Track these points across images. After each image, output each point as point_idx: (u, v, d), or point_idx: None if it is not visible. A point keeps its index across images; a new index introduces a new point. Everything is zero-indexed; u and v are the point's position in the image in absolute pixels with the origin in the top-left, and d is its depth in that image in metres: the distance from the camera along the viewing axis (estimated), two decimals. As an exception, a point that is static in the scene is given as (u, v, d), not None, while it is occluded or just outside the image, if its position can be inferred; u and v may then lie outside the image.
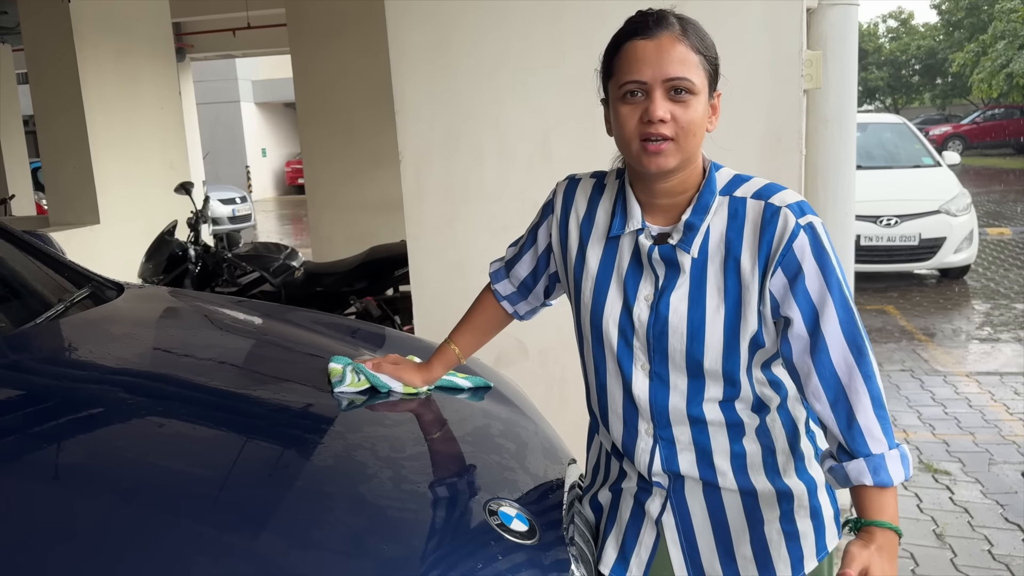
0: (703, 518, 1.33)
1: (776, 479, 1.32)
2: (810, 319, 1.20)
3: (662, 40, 1.18)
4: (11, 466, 1.21)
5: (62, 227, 6.01)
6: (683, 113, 1.18)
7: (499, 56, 2.72)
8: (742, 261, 1.22)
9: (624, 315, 1.30)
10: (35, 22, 6.02)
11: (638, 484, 1.38)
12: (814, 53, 2.79)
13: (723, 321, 1.23)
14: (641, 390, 1.30)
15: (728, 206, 1.24)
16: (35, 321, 1.77)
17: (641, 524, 1.37)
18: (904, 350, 5.55)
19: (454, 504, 1.29)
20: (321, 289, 4.58)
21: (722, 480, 1.31)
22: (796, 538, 1.33)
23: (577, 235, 1.38)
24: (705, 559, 1.34)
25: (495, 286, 1.62)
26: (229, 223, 14.19)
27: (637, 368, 1.30)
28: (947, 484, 3.51)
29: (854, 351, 1.20)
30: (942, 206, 7.35)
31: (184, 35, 12.83)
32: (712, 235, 1.24)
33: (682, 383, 1.28)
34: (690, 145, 1.20)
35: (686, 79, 1.17)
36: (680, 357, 1.26)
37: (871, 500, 1.18)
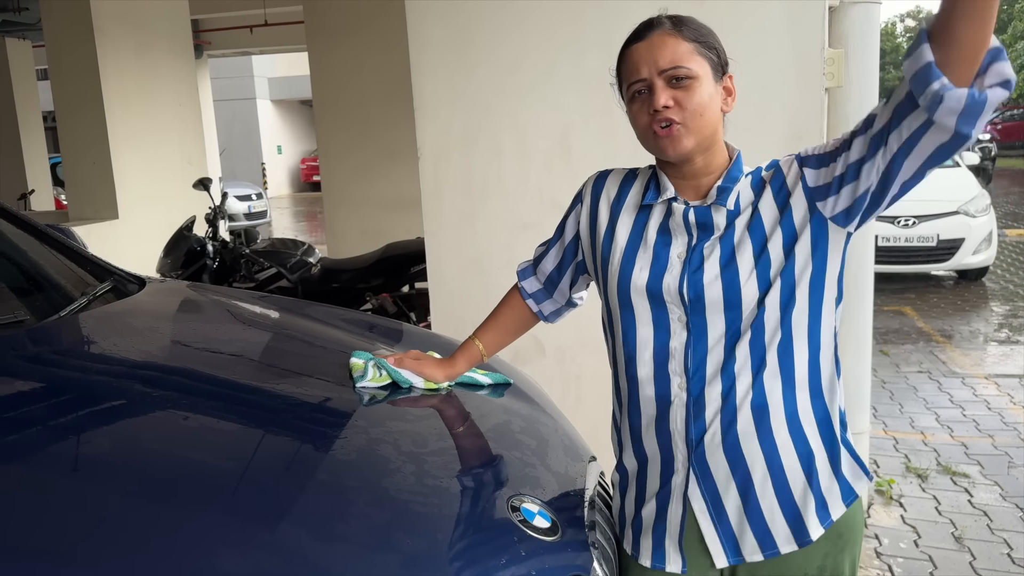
0: (726, 478, 1.34)
1: (795, 420, 1.33)
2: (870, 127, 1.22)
3: (653, 39, 1.30)
4: (37, 457, 1.22)
5: (81, 222, 6.06)
6: (686, 97, 1.28)
7: (519, 52, 2.72)
8: (764, 217, 1.31)
9: (654, 275, 1.35)
10: (56, 18, 6.07)
11: (660, 453, 1.38)
12: (836, 51, 2.77)
13: (756, 277, 1.30)
14: (679, 341, 1.34)
15: (751, 181, 1.35)
16: (59, 314, 1.78)
17: (669, 500, 1.37)
18: (922, 351, 5.51)
19: (477, 500, 1.29)
20: (337, 285, 4.60)
21: (743, 429, 1.32)
22: (818, 484, 1.34)
23: (608, 214, 1.45)
24: (733, 521, 1.34)
25: (522, 283, 1.65)
26: (245, 220, 14.27)
27: (674, 321, 1.34)
28: (966, 487, 3.48)
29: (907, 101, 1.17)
30: (961, 207, 7.29)
31: (202, 32, 12.89)
32: (742, 202, 1.33)
33: (719, 326, 1.32)
34: (701, 125, 1.29)
35: (681, 66, 1.28)
36: (717, 302, 1.30)
37: None
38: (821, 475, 1.34)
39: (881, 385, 4.82)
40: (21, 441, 1.25)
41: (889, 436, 4.08)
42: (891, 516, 3.25)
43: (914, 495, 3.43)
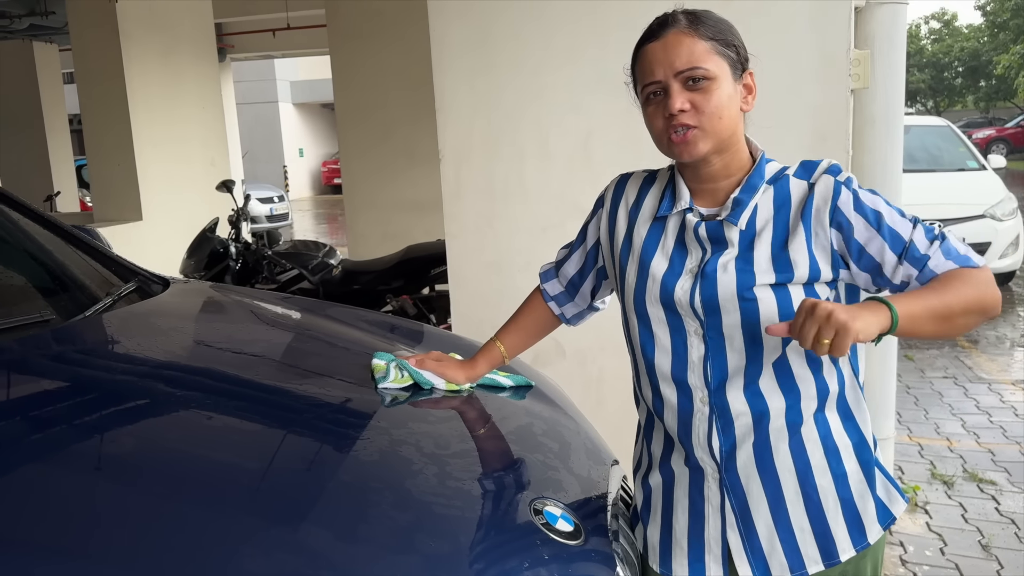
0: (758, 495, 1.30)
1: (828, 440, 1.30)
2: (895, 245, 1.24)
3: (667, 38, 1.25)
4: (61, 455, 1.22)
5: (106, 223, 6.13)
6: (703, 99, 1.23)
7: (542, 54, 2.71)
8: (789, 231, 1.26)
9: (667, 287, 1.32)
10: (83, 22, 6.15)
11: (688, 466, 1.35)
12: (862, 52, 2.74)
13: (775, 293, 1.25)
14: (698, 354, 1.30)
15: (775, 189, 1.29)
16: (84, 314, 1.80)
17: (703, 518, 1.34)
18: (947, 357, 5.44)
19: (500, 502, 1.28)
20: (358, 287, 4.61)
21: (776, 446, 1.29)
22: (853, 505, 1.31)
23: (626, 220, 1.42)
24: (764, 538, 1.31)
25: (544, 286, 1.64)
26: (267, 221, 14.37)
27: (691, 333, 1.31)
28: (992, 494, 3.43)
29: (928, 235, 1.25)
30: (987, 210, 7.19)
31: (225, 35, 13.01)
32: (760, 214, 1.28)
33: (738, 340, 1.28)
34: (719, 128, 1.24)
35: (697, 68, 1.23)
36: (735, 318, 1.26)
37: (897, 296, 1.19)
38: (856, 496, 1.31)
39: (906, 390, 4.76)
40: (46, 439, 1.26)
41: (914, 442, 4.03)
42: (916, 523, 3.20)
43: (940, 502, 3.38)
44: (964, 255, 1.24)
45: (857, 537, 1.30)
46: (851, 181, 1.26)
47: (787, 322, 1.16)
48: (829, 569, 1.30)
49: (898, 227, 1.24)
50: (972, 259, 1.24)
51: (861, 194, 1.25)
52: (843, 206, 1.24)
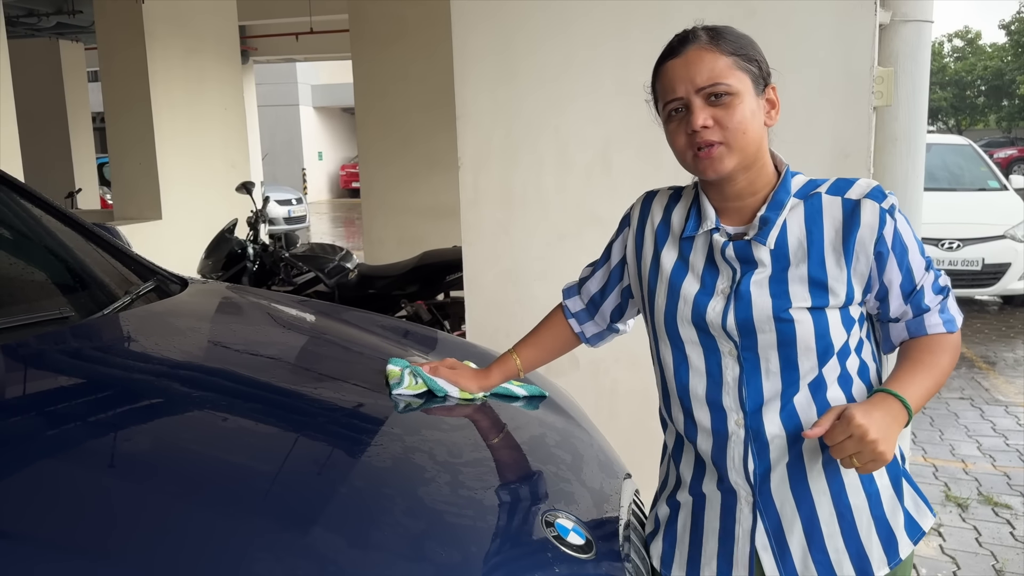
0: (792, 515, 1.30)
1: None
2: (906, 284, 1.28)
3: (689, 54, 1.24)
4: (76, 452, 1.23)
5: (126, 221, 6.18)
6: (726, 115, 1.21)
7: (563, 64, 2.71)
8: (827, 256, 1.25)
9: (699, 309, 1.30)
10: (109, 21, 6.22)
11: (720, 488, 1.34)
12: (885, 70, 2.73)
13: (811, 315, 1.25)
14: (733, 376, 1.29)
15: (805, 205, 1.27)
16: (103, 312, 1.81)
17: (733, 539, 1.33)
18: (964, 378, 5.39)
19: (512, 513, 1.28)
20: (374, 291, 4.63)
21: (810, 467, 1.29)
22: (886, 522, 1.31)
23: (652, 241, 1.40)
24: (797, 559, 1.30)
25: (566, 302, 1.64)
26: (284, 223, 14.45)
27: (725, 355, 1.30)
28: (1008, 518, 3.39)
29: (935, 288, 1.30)
30: (1008, 231, 7.13)
31: (248, 38, 13.10)
32: (791, 232, 1.26)
33: (774, 361, 1.27)
34: (744, 143, 1.23)
35: (720, 83, 1.22)
36: (771, 338, 1.26)
37: (899, 376, 1.24)
38: (888, 513, 1.31)
39: (921, 411, 4.71)
40: (61, 435, 1.26)
41: (929, 463, 3.99)
42: (930, 546, 3.17)
43: (954, 525, 3.34)
44: (952, 318, 1.30)
45: (891, 554, 1.31)
46: (894, 209, 1.26)
47: (823, 427, 1.17)
48: None
49: (915, 267, 1.27)
50: (957, 321, 1.30)
51: (899, 223, 1.26)
52: (887, 236, 1.24)
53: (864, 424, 1.12)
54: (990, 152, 22.28)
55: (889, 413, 1.17)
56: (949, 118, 35.73)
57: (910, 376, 1.24)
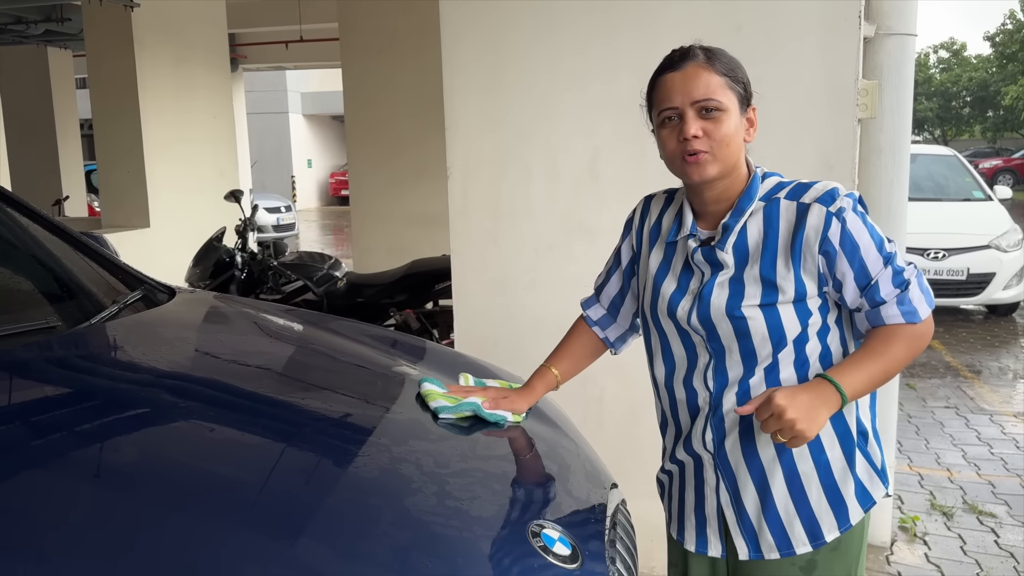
0: (745, 477, 1.45)
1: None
2: (860, 279, 1.37)
3: (687, 70, 1.37)
4: (61, 463, 1.23)
5: (113, 229, 6.15)
6: (714, 128, 1.36)
7: (552, 75, 2.73)
8: (778, 257, 1.38)
9: (672, 307, 1.47)
10: (98, 29, 6.20)
11: (691, 455, 1.51)
12: (870, 83, 2.76)
13: (762, 311, 1.39)
14: (703, 362, 1.46)
15: (764, 210, 1.40)
16: (90, 321, 1.81)
17: (704, 497, 1.50)
18: (949, 387, 5.43)
19: (498, 523, 1.29)
20: (362, 300, 4.62)
21: (758, 437, 1.43)
22: (836, 490, 1.43)
23: (647, 241, 1.58)
24: (753, 518, 1.45)
25: (586, 312, 1.75)
26: (273, 231, 14.40)
27: (698, 344, 1.46)
28: (992, 527, 3.41)
29: (895, 280, 1.37)
30: (992, 241, 7.19)
31: (238, 46, 13.08)
32: (751, 235, 1.40)
33: (735, 351, 1.42)
34: (726, 154, 1.37)
35: (712, 99, 1.36)
36: (729, 332, 1.41)
37: (845, 363, 1.38)
38: (839, 481, 1.43)
39: (907, 419, 4.74)
40: (46, 446, 1.26)
41: (914, 472, 4.02)
42: (915, 554, 3.19)
43: (939, 533, 3.36)
44: (914, 308, 1.37)
45: (841, 519, 1.43)
46: (842, 211, 1.35)
47: (755, 404, 1.33)
48: (818, 549, 1.43)
49: (869, 263, 1.36)
50: (920, 313, 1.37)
51: (849, 224, 1.35)
52: (832, 236, 1.35)
53: (782, 404, 1.27)
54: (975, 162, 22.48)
55: (819, 396, 1.31)
56: (935, 129, 36.02)
57: (855, 363, 1.37)
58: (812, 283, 1.38)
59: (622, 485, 1.70)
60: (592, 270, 2.83)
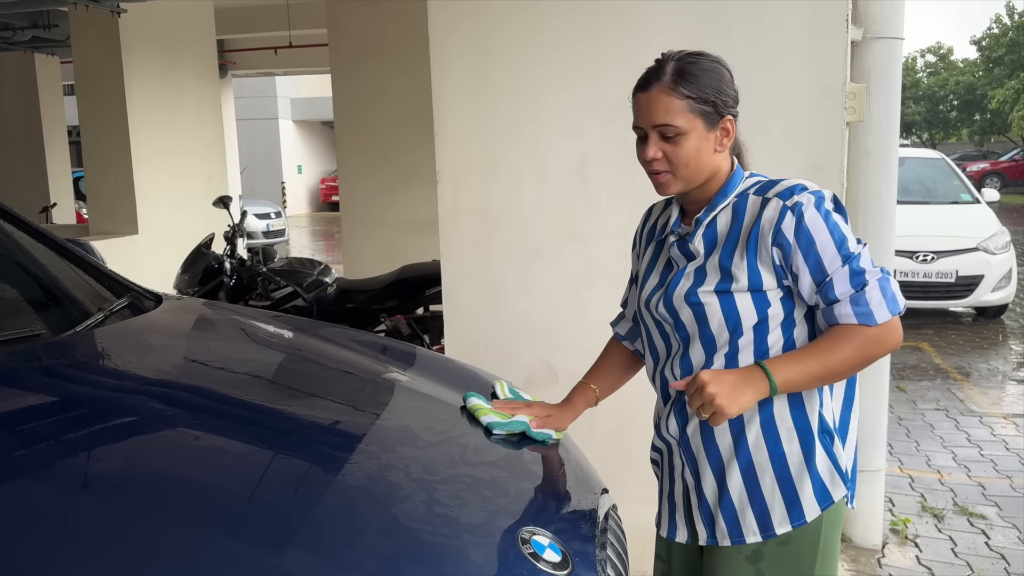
0: (704, 464, 1.49)
1: (770, 423, 1.44)
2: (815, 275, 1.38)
3: (651, 93, 1.42)
4: (46, 472, 1.22)
5: (101, 236, 6.12)
6: (673, 151, 1.41)
7: (540, 80, 2.73)
8: (736, 247, 1.42)
9: (648, 298, 1.54)
10: (85, 35, 6.17)
11: (663, 441, 1.56)
12: (857, 86, 2.77)
13: (717, 297, 1.43)
14: (674, 350, 1.51)
15: (735, 204, 1.45)
16: (75, 329, 1.79)
17: (674, 479, 1.55)
18: (939, 389, 5.45)
19: (487, 531, 1.28)
20: (352, 306, 4.61)
21: (718, 427, 1.45)
22: (791, 483, 1.44)
23: (644, 243, 1.65)
24: (711, 502, 1.48)
25: (615, 329, 1.81)
26: (263, 237, 14.37)
27: (669, 334, 1.52)
28: (983, 528, 3.42)
29: (853, 280, 1.37)
30: (980, 243, 7.23)
31: (227, 52, 13.06)
32: (719, 228, 1.45)
33: (696, 338, 1.47)
34: (689, 173, 1.43)
35: (669, 125, 1.40)
36: (691, 320, 1.46)
37: (787, 355, 1.41)
38: (794, 476, 1.43)
39: (897, 422, 4.76)
40: (31, 455, 1.25)
41: (905, 474, 4.02)
42: (906, 556, 3.19)
43: (930, 535, 3.37)
44: (869, 310, 1.36)
45: (794, 514, 1.44)
46: (800, 205, 1.37)
47: (683, 382, 1.39)
48: (767, 540, 1.44)
49: (826, 259, 1.37)
50: (875, 316, 1.36)
51: (806, 218, 1.37)
52: (785, 229, 1.38)
53: (704, 380, 1.33)
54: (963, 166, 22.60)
55: (747, 380, 1.36)
56: (923, 132, 36.23)
57: (795, 356, 1.39)
58: (769, 275, 1.40)
59: (613, 490, 1.70)
60: (582, 274, 2.84)
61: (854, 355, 1.37)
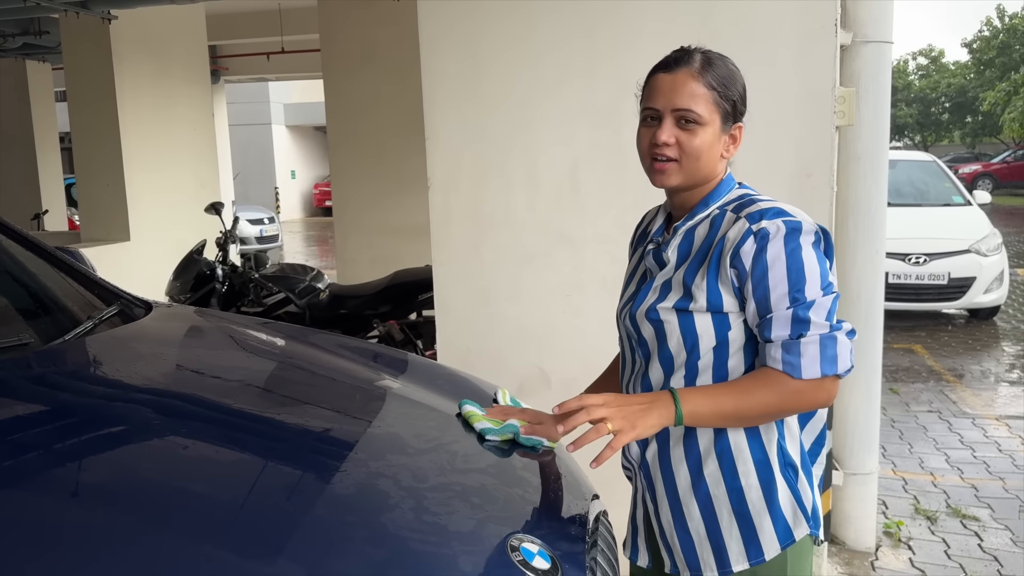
0: (661, 492, 1.43)
1: (726, 454, 1.37)
2: (759, 309, 1.32)
3: (678, 75, 1.35)
4: (35, 482, 1.21)
5: (93, 243, 6.10)
6: (688, 139, 1.34)
7: (531, 86, 2.73)
8: (700, 267, 1.36)
9: (621, 310, 1.49)
10: (76, 42, 6.16)
11: (629, 462, 1.50)
12: (847, 90, 2.78)
13: (677, 315, 1.37)
14: (638, 366, 1.45)
15: (712, 220, 1.38)
16: (64, 338, 1.78)
17: (636, 502, 1.51)
18: (932, 391, 5.46)
19: (476, 539, 1.27)
20: (345, 311, 4.60)
21: (673, 450, 1.40)
22: (749, 520, 1.36)
23: (632, 248, 1.60)
24: (667, 531, 1.42)
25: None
26: (257, 243, 14.35)
27: (635, 348, 1.46)
28: (976, 530, 3.43)
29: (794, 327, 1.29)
30: (972, 245, 7.26)
31: (219, 57, 13.05)
32: (694, 241, 1.39)
33: (655, 356, 1.41)
34: (694, 168, 1.36)
35: (691, 111, 1.33)
36: (651, 336, 1.40)
37: (705, 387, 1.35)
38: (753, 511, 1.36)
39: (890, 424, 4.77)
40: (19, 465, 1.24)
41: (898, 476, 4.03)
42: (900, 559, 3.19)
43: (923, 538, 3.38)
44: (797, 362, 1.28)
45: (752, 551, 1.36)
46: (765, 232, 1.29)
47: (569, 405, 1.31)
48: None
49: (773, 296, 1.29)
50: (802, 370, 1.27)
51: (768, 248, 1.29)
52: (743, 254, 1.30)
53: (592, 402, 1.28)
54: (955, 168, 22.69)
55: (652, 405, 1.29)
56: (915, 134, 36.37)
57: (712, 391, 1.33)
58: (730, 296, 1.33)
59: (603, 496, 1.69)
60: (573, 279, 2.85)
61: (772, 403, 1.31)
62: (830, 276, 1.32)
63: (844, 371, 1.29)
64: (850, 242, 3.02)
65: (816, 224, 1.33)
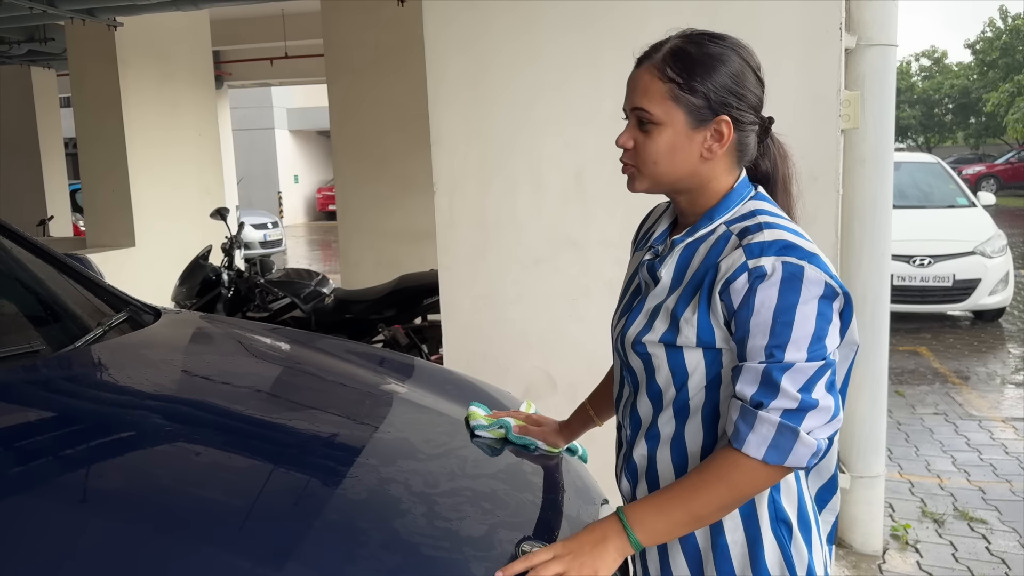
0: None
1: None
2: (737, 352, 1.16)
3: (640, 70, 1.21)
4: (49, 488, 1.22)
5: (99, 249, 6.12)
6: (644, 142, 1.20)
7: (536, 90, 2.74)
8: (693, 296, 1.19)
9: (615, 325, 1.34)
10: (81, 48, 6.19)
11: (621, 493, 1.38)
12: (852, 93, 2.78)
13: (664, 349, 1.21)
14: (628, 392, 1.31)
15: (719, 236, 1.20)
16: (74, 344, 1.79)
17: None
18: (937, 393, 5.45)
19: (487, 544, 1.27)
20: (350, 316, 4.61)
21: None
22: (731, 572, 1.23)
23: (633, 249, 1.45)
24: (652, 569, 1.30)
25: None
26: (260, 248, 14.37)
27: (625, 372, 1.31)
28: (983, 533, 3.42)
29: (763, 392, 1.12)
30: (977, 247, 7.24)
31: (223, 63, 13.09)
32: (694, 260, 1.21)
33: (643, 388, 1.27)
34: (654, 172, 1.20)
35: (643, 109, 1.19)
36: (637, 360, 1.25)
37: (659, 494, 1.20)
38: (738, 570, 1.22)
39: (896, 427, 4.76)
40: (31, 471, 1.25)
41: (905, 479, 4.02)
42: (907, 562, 3.19)
43: (930, 540, 3.37)
44: (745, 434, 1.12)
45: None
46: (762, 271, 1.11)
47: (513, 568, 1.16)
48: None
49: (750, 343, 1.13)
50: (746, 443, 1.11)
51: (760, 290, 1.11)
52: (733, 290, 1.13)
53: (540, 560, 1.15)
54: (958, 169, 22.67)
55: (604, 541, 1.17)
56: (918, 136, 36.32)
57: (661, 499, 1.18)
58: (721, 331, 1.16)
59: (613, 501, 1.69)
60: (579, 283, 2.85)
61: (724, 496, 1.15)
62: (828, 339, 1.12)
63: (795, 466, 1.12)
64: (856, 245, 3.02)
65: (830, 276, 1.13)
